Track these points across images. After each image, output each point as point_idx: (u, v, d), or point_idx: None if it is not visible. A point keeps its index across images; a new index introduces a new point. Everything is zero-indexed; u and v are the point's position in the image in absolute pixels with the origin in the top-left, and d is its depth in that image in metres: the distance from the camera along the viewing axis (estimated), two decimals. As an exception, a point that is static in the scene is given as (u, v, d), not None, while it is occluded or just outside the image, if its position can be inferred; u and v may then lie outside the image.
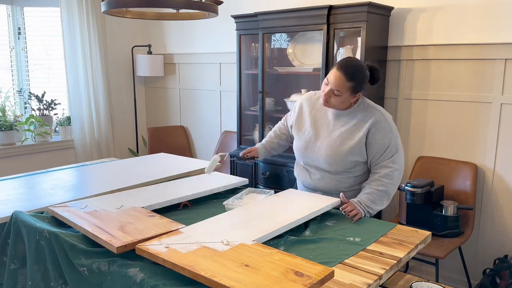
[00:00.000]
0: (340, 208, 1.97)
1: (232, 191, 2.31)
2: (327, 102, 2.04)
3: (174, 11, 2.44)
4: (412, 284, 1.73)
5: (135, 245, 1.53)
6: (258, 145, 2.46)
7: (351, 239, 1.71)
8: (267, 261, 1.38)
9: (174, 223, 1.73)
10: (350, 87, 1.97)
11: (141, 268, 1.47)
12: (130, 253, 1.55)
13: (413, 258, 2.71)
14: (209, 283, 1.28)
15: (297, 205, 1.97)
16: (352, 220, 1.90)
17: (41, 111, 4.06)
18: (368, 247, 1.65)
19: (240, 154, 2.39)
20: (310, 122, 2.19)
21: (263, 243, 1.58)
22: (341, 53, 2.90)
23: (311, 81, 3.24)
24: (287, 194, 2.15)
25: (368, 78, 2.03)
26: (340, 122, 2.10)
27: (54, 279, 1.69)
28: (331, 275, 1.32)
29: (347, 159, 2.06)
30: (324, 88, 2.03)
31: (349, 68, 1.97)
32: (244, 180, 2.41)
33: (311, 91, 2.31)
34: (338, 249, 1.62)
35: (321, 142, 2.12)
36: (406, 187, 2.65)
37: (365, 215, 1.98)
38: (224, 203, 2.01)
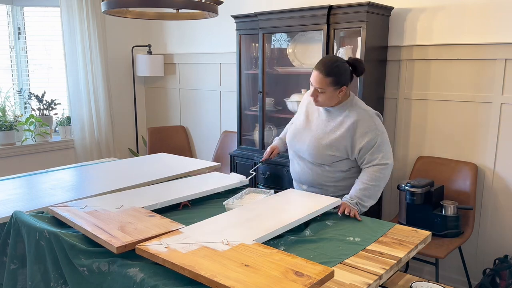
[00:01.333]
0: (339, 213, 1.99)
1: (232, 191, 2.31)
2: (316, 102, 2.17)
3: (174, 11, 2.44)
4: (412, 284, 1.73)
5: (135, 245, 1.53)
6: (275, 140, 2.58)
7: (351, 239, 1.72)
8: (267, 261, 1.38)
9: (174, 223, 1.73)
10: (330, 82, 2.09)
11: (141, 268, 1.47)
12: (130, 253, 1.55)
13: (413, 258, 2.71)
14: (209, 283, 1.28)
15: (297, 205, 1.97)
16: (355, 217, 1.95)
17: (41, 111, 4.06)
18: (368, 247, 1.65)
19: (263, 159, 2.54)
20: (304, 114, 2.32)
21: (263, 243, 1.58)
22: (341, 53, 2.90)
23: (311, 81, 3.23)
24: (287, 194, 2.15)
25: (349, 71, 2.13)
26: (328, 117, 2.21)
27: (54, 279, 1.69)
28: (331, 275, 1.32)
29: (326, 153, 2.15)
30: (311, 89, 2.16)
31: (325, 64, 2.10)
32: (244, 180, 2.41)
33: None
34: (338, 249, 1.62)
35: (307, 133, 2.24)
36: (406, 187, 2.65)
37: (359, 210, 2.04)
38: (224, 203, 2.01)
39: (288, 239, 1.71)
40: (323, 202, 1.99)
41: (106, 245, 1.56)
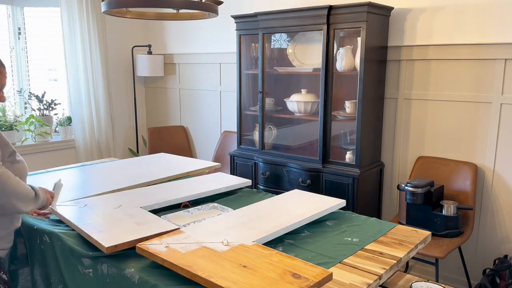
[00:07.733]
0: None
1: (232, 192, 2.31)
2: None
3: (174, 11, 2.44)
4: (412, 284, 1.73)
5: (126, 245, 1.54)
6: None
7: (350, 239, 1.72)
8: (265, 262, 1.38)
9: (169, 223, 1.73)
10: None
11: (140, 268, 1.47)
12: (130, 254, 1.55)
13: (413, 258, 2.71)
14: (205, 283, 1.28)
15: (300, 206, 1.96)
16: None
17: (41, 111, 4.06)
18: (368, 247, 1.65)
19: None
20: None
21: (263, 243, 1.58)
22: (341, 53, 2.90)
23: (311, 81, 3.24)
24: (292, 194, 2.15)
25: None
26: None
27: (54, 284, 1.70)
28: (329, 277, 1.32)
29: None
30: None
31: None
32: (247, 181, 2.39)
33: None
34: (336, 250, 1.62)
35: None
36: (406, 187, 2.64)
37: None
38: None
39: (287, 239, 1.71)
40: (327, 204, 1.99)
41: (97, 244, 1.56)
